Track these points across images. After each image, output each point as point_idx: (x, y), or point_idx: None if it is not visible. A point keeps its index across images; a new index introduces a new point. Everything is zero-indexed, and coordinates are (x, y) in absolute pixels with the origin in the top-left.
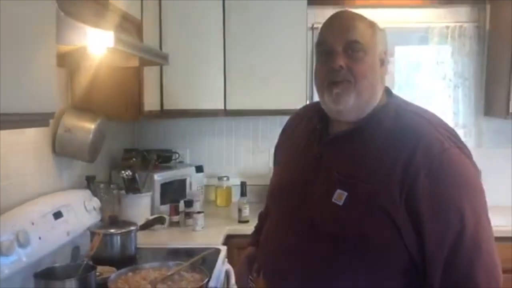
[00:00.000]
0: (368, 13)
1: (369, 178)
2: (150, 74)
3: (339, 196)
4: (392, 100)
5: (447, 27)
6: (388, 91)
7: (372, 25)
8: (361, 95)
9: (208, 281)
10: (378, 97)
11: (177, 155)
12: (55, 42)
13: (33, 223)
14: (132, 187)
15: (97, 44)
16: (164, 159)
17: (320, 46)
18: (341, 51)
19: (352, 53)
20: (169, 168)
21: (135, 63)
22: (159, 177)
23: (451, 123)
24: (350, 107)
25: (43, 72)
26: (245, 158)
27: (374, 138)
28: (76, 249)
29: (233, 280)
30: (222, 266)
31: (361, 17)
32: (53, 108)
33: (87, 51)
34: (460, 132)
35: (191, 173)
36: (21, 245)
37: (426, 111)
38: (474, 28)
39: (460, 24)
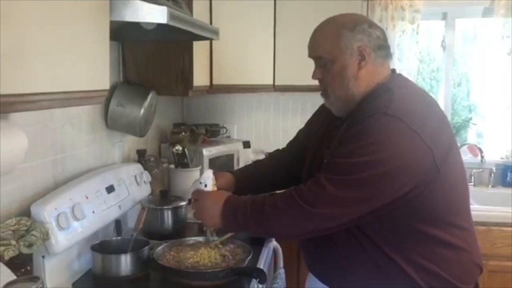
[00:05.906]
0: None
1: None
2: (199, 49)
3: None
4: (388, 83)
5: None
6: (393, 73)
7: (337, 31)
8: (338, 97)
9: (249, 257)
10: (357, 91)
11: (224, 130)
12: (109, 18)
13: (87, 197)
14: (182, 162)
15: (151, 19)
16: (212, 133)
17: None
18: (316, 63)
19: (322, 66)
20: (217, 143)
21: (185, 37)
22: (207, 152)
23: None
24: (335, 107)
25: (97, 50)
26: (293, 135)
27: (354, 118)
28: (118, 222)
29: (281, 258)
30: (270, 244)
31: (326, 27)
32: (106, 85)
33: (139, 25)
34: None
35: (239, 149)
36: (77, 219)
37: (404, 87)
38: None
39: None
